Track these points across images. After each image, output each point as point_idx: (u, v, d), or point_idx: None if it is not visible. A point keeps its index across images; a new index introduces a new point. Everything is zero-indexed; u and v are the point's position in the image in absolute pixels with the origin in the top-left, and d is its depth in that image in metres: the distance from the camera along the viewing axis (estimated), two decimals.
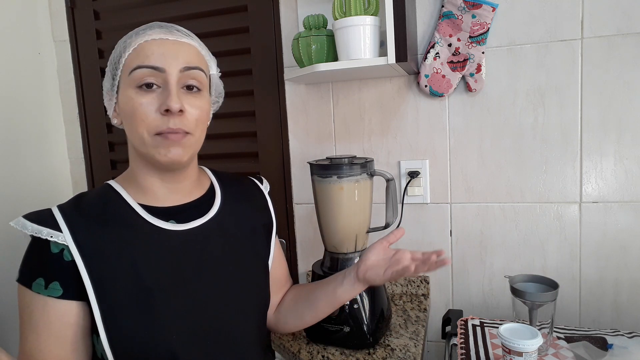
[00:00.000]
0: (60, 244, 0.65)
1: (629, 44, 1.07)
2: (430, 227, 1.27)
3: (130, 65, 0.66)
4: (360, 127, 1.29)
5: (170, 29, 0.69)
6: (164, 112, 0.65)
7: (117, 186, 0.73)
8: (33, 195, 1.47)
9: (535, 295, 0.91)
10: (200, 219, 0.75)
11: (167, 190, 0.74)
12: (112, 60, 0.70)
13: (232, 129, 1.40)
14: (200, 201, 0.77)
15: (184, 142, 0.68)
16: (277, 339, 1.09)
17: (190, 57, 0.68)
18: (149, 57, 0.65)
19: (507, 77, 1.16)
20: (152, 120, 0.66)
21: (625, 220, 1.12)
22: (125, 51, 0.67)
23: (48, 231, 0.65)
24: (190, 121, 0.68)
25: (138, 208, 0.71)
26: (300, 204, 1.38)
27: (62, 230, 0.65)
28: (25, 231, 0.66)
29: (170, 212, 0.73)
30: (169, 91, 0.65)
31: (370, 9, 1.04)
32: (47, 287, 0.64)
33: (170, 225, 0.71)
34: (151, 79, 0.66)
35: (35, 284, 0.64)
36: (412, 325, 1.11)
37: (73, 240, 0.64)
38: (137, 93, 0.66)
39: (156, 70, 0.65)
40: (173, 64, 0.66)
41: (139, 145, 0.68)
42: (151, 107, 0.65)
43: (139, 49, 0.66)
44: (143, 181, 0.73)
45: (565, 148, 1.14)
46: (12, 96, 1.42)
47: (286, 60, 1.33)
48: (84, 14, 1.52)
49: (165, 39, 0.67)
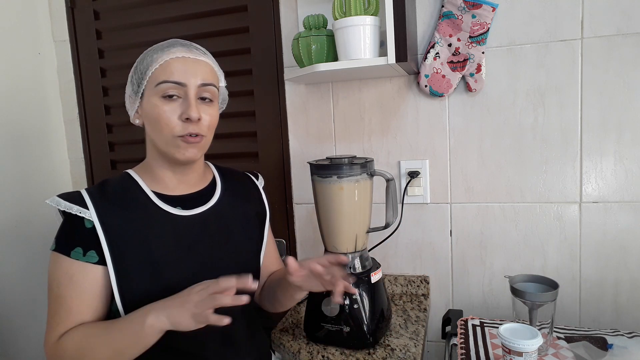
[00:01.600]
0: (89, 220, 0.78)
1: (629, 44, 1.07)
2: (430, 227, 1.27)
3: (157, 78, 0.79)
4: (360, 127, 1.29)
5: (190, 48, 0.82)
6: (184, 119, 0.79)
7: (135, 175, 0.86)
8: (33, 195, 1.47)
9: (535, 295, 0.91)
10: (202, 207, 0.87)
11: (177, 181, 0.87)
12: (139, 70, 0.81)
13: (232, 129, 1.40)
14: (203, 192, 0.90)
15: (199, 145, 0.82)
16: (277, 338, 1.09)
17: (206, 74, 0.82)
18: (173, 74, 0.78)
19: (507, 77, 1.16)
20: (175, 126, 0.79)
21: (625, 220, 1.12)
22: (151, 65, 0.79)
23: (78, 208, 0.78)
24: (204, 126, 0.81)
25: (152, 195, 0.84)
26: (300, 204, 1.38)
27: (89, 208, 0.78)
28: (59, 207, 0.78)
29: (178, 200, 0.86)
30: (189, 103, 0.79)
31: (370, 9, 1.04)
32: (85, 255, 0.77)
33: (177, 211, 0.84)
34: (174, 91, 0.79)
35: (74, 252, 0.77)
36: (412, 325, 1.11)
37: (97, 218, 0.77)
38: (162, 102, 0.79)
39: (179, 84, 0.79)
40: (192, 80, 0.79)
41: (161, 144, 0.81)
42: (174, 115, 0.79)
43: (165, 65, 0.79)
44: (157, 172, 0.86)
45: (565, 148, 1.14)
46: (12, 96, 1.42)
47: (286, 60, 1.33)
48: (84, 14, 1.52)
49: (187, 57, 0.80)
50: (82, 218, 0.78)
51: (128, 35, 1.48)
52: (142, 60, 0.82)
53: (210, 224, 0.87)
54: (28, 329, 1.41)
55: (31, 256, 1.44)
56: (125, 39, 1.48)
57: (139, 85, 0.82)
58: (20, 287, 1.40)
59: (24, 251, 1.42)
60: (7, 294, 1.36)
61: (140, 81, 0.81)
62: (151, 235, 0.80)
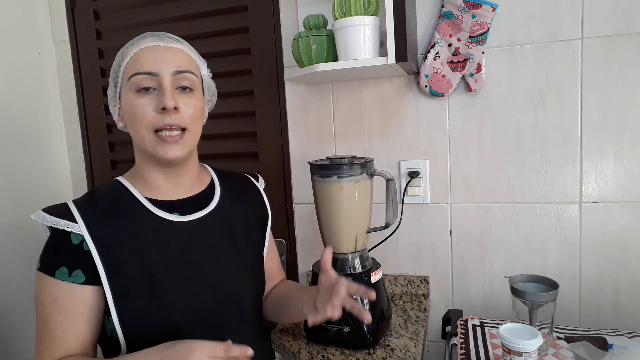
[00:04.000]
0: (78, 235, 0.72)
1: (629, 44, 1.07)
2: (430, 227, 1.27)
3: (128, 72, 0.75)
4: (360, 127, 1.30)
5: (161, 37, 0.77)
6: (160, 110, 0.73)
7: (125, 182, 0.81)
8: (33, 196, 1.47)
9: (535, 295, 0.91)
10: (202, 211, 0.82)
11: (170, 184, 0.81)
12: (113, 69, 0.78)
13: (232, 129, 1.40)
14: (201, 195, 0.85)
15: (181, 141, 0.76)
16: (277, 339, 1.09)
17: (180, 61, 0.76)
18: (143, 64, 0.74)
19: (507, 77, 1.16)
20: (151, 119, 0.73)
21: (625, 220, 1.12)
22: (123, 60, 0.76)
23: (65, 222, 0.72)
24: (185, 118, 0.75)
25: (145, 202, 0.78)
26: (300, 204, 1.38)
27: (78, 221, 0.72)
28: (45, 222, 0.73)
29: (174, 205, 0.81)
30: (164, 92, 0.73)
31: (370, 9, 1.04)
32: (70, 275, 0.71)
33: (175, 217, 0.79)
34: (147, 83, 0.74)
35: (58, 272, 0.71)
36: (412, 325, 1.11)
37: (87, 231, 0.72)
38: (136, 96, 0.74)
39: (151, 75, 0.73)
40: (165, 68, 0.74)
41: (141, 144, 0.76)
42: (149, 107, 0.73)
43: (134, 57, 0.75)
44: (148, 177, 0.80)
45: (565, 148, 1.14)
46: (12, 96, 1.42)
47: (286, 60, 1.33)
48: (84, 14, 1.52)
49: (157, 46, 0.75)
50: (69, 233, 0.72)
51: (128, 35, 1.44)
52: (115, 59, 0.79)
53: (211, 230, 0.82)
54: (28, 329, 1.41)
55: (31, 256, 1.44)
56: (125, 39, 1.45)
57: (115, 85, 0.78)
58: (20, 287, 1.39)
59: (24, 251, 1.42)
60: (7, 294, 1.36)
61: (115, 80, 0.77)
62: (147, 245, 0.74)
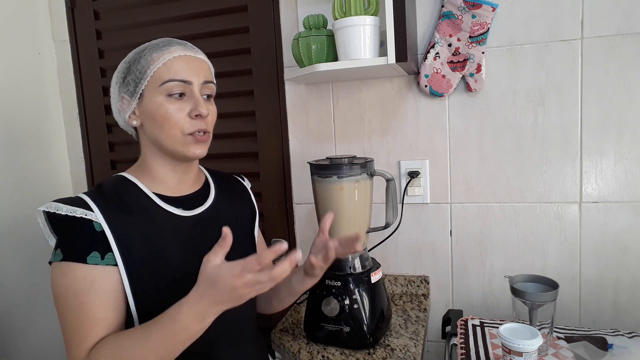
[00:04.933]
0: (97, 223, 0.74)
1: (629, 44, 1.07)
2: (430, 227, 1.27)
3: (161, 77, 0.79)
4: (360, 127, 1.29)
5: (187, 46, 0.83)
6: (194, 116, 0.80)
7: (132, 177, 0.84)
8: (33, 196, 1.47)
9: (535, 295, 0.91)
10: (201, 207, 0.88)
11: (177, 181, 0.87)
12: (136, 70, 0.80)
13: (232, 129, 1.40)
14: (199, 192, 0.91)
15: (207, 141, 0.84)
16: (277, 339, 1.09)
17: (206, 71, 0.84)
18: (179, 72, 0.79)
19: (507, 77, 1.16)
20: (185, 123, 0.80)
21: (625, 220, 1.12)
22: (153, 64, 0.79)
23: (82, 210, 0.74)
24: (210, 122, 0.84)
25: (153, 196, 0.83)
26: (300, 204, 1.38)
27: (94, 210, 0.75)
28: (60, 212, 0.74)
29: (179, 200, 0.86)
30: (197, 100, 0.80)
31: (370, 9, 1.04)
32: (103, 258, 0.74)
33: (180, 212, 0.84)
34: (180, 89, 0.79)
35: (90, 257, 0.73)
36: (412, 325, 1.11)
37: (104, 219, 0.75)
38: (168, 100, 0.79)
39: (185, 83, 0.80)
40: (196, 78, 0.81)
41: (168, 143, 0.81)
42: (182, 113, 0.80)
43: (168, 65, 0.79)
44: (158, 172, 0.85)
45: (565, 148, 1.14)
46: (12, 96, 1.42)
47: (286, 60, 1.33)
48: (84, 14, 1.52)
49: (189, 56, 0.81)
50: (90, 221, 0.74)
51: (128, 35, 1.48)
52: (136, 60, 0.81)
53: (210, 224, 0.87)
54: (28, 329, 1.41)
55: (31, 256, 1.44)
56: (125, 39, 1.48)
57: (136, 85, 0.81)
58: (20, 287, 1.39)
59: (24, 251, 1.42)
60: (7, 294, 1.36)
61: (138, 81, 0.80)
62: (158, 237, 0.79)
